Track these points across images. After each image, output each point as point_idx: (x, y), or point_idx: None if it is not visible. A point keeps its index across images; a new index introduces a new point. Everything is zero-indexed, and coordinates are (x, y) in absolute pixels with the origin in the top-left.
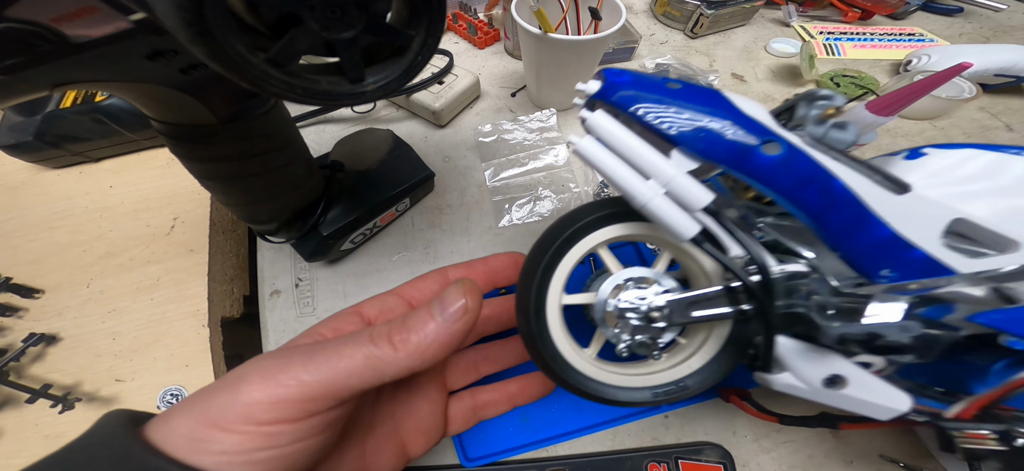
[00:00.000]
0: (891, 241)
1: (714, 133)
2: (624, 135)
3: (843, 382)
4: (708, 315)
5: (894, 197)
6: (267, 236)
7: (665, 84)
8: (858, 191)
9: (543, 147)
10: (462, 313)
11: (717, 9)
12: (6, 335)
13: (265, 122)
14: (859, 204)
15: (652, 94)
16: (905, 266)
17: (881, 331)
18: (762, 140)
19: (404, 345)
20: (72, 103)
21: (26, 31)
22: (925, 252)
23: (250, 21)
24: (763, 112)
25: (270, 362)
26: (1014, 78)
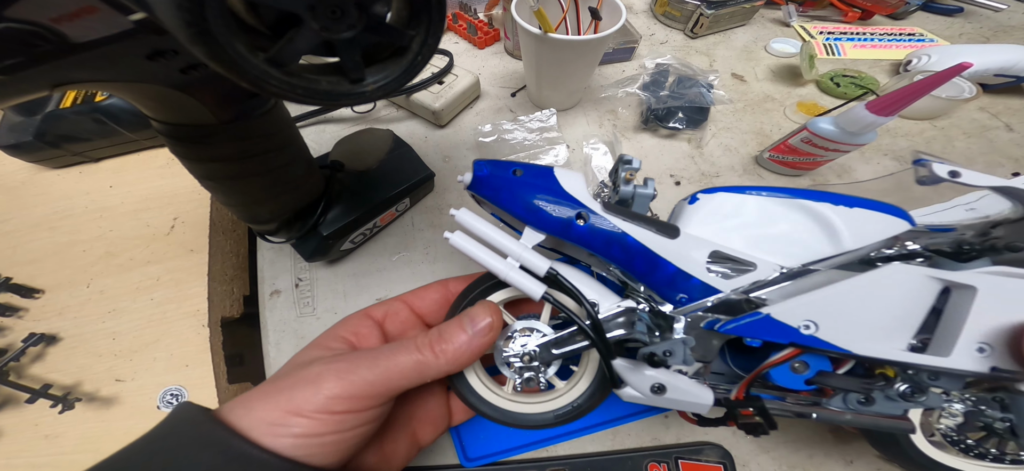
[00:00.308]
0: (677, 274)
1: (544, 212)
2: (483, 226)
3: (664, 388)
4: (564, 352)
5: (670, 241)
6: (267, 236)
7: (512, 172)
8: (645, 242)
9: (543, 147)
10: (488, 330)
11: (717, 9)
12: (6, 335)
13: (265, 122)
14: (649, 251)
15: (502, 183)
16: (691, 291)
17: (666, 348)
18: (576, 213)
19: (444, 354)
20: (72, 103)
21: (26, 31)
22: (699, 280)
23: (250, 21)
24: (581, 186)
25: (339, 365)
26: (1014, 78)
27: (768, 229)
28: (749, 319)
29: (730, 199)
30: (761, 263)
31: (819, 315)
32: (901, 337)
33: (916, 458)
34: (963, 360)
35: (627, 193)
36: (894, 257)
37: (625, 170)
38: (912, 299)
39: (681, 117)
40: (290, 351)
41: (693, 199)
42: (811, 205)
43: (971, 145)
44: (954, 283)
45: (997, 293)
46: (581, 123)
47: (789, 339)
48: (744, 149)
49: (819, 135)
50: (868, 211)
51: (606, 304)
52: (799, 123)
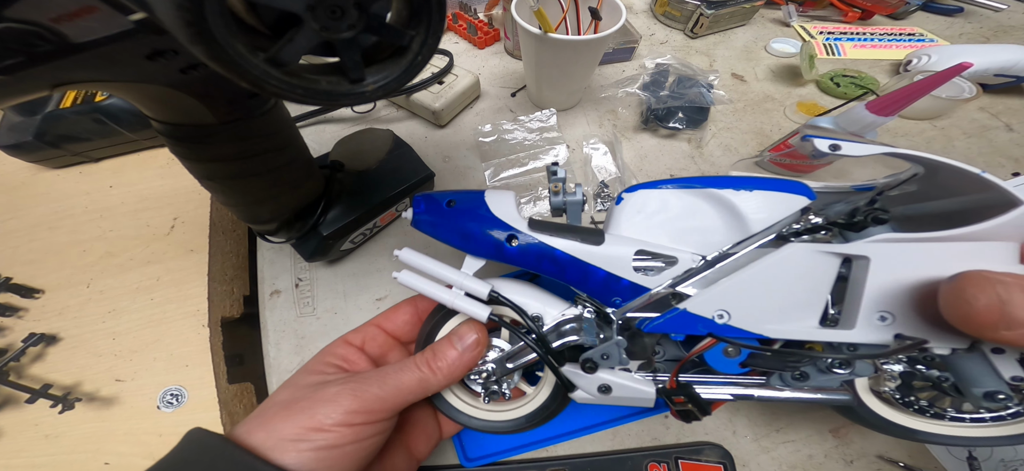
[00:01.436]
0: (608, 278)
1: (477, 239)
2: (424, 261)
3: (610, 388)
4: (518, 365)
5: (596, 248)
6: (267, 236)
7: (446, 204)
8: (572, 252)
9: (543, 147)
10: (475, 345)
11: (717, 9)
12: (6, 335)
13: (265, 122)
14: (577, 261)
15: (437, 216)
16: (623, 293)
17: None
18: (506, 235)
19: (440, 370)
20: (72, 103)
21: (26, 31)
22: (628, 280)
23: (250, 21)
24: (509, 207)
25: (353, 384)
26: (1014, 78)
27: (687, 221)
28: (668, 316)
29: (651, 195)
30: (682, 255)
31: (729, 304)
32: (811, 315)
33: (875, 422)
34: (867, 331)
35: (558, 204)
36: (802, 231)
37: (552, 181)
38: (813, 277)
39: (681, 117)
40: (290, 351)
41: (619, 199)
42: (717, 193)
43: (971, 145)
44: (849, 255)
45: (890, 260)
46: (581, 123)
47: (707, 330)
48: (744, 149)
49: None
50: (769, 192)
51: (553, 313)
52: (799, 123)
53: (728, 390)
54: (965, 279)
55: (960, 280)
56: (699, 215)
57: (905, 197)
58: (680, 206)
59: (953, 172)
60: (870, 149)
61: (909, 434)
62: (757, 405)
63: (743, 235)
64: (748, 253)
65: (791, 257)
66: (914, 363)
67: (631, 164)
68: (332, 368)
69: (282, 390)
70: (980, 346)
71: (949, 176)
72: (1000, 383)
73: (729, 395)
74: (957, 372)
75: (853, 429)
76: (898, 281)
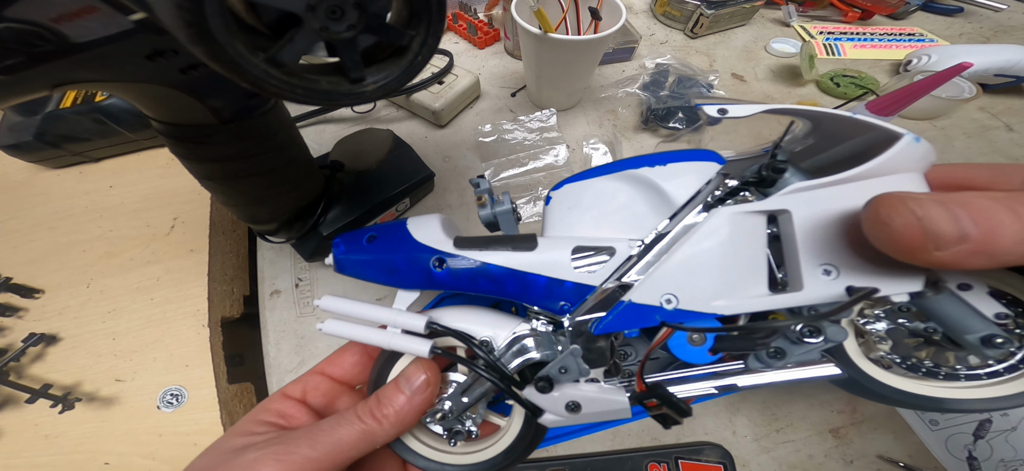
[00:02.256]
0: (550, 284)
1: (404, 271)
2: (349, 305)
3: (578, 405)
4: (475, 397)
5: (530, 254)
6: (267, 236)
7: (365, 240)
8: (508, 264)
9: (543, 147)
10: (425, 386)
11: (717, 9)
12: (6, 335)
13: (265, 122)
14: (514, 272)
15: (358, 256)
16: (568, 296)
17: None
18: (433, 260)
19: (386, 419)
20: (72, 103)
21: (26, 31)
22: (571, 281)
23: (250, 21)
24: (434, 231)
25: (276, 448)
26: (1014, 78)
27: (617, 207)
28: (614, 312)
29: (578, 187)
30: (619, 244)
31: (673, 286)
32: (756, 282)
33: (885, 393)
34: (817, 289)
35: (487, 217)
36: (724, 197)
37: (476, 194)
38: (744, 240)
39: (681, 117)
40: (290, 351)
41: (548, 199)
42: (636, 173)
43: (971, 145)
44: (770, 211)
45: (808, 208)
46: (581, 123)
47: (659, 320)
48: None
49: None
50: (681, 163)
51: (504, 334)
52: None
53: (708, 384)
54: (877, 201)
55: (873, 204)
56: (627, 199)
57: (808, 150)
58: (607, 193)
59: (834, 119)
60: (753, 109)
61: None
62: (757, 404)
63: (671, 211)
64: (680, 229)
65: (718, 224)
66: (895, 318)
67: None
68: (263, 427)
69: (202, 457)
70: (945, 285)
71: (833, 124)
72: (988, 324)
73: (711, 389)
74: (940, 321)
75: (853, 429)
76: (823, 227)
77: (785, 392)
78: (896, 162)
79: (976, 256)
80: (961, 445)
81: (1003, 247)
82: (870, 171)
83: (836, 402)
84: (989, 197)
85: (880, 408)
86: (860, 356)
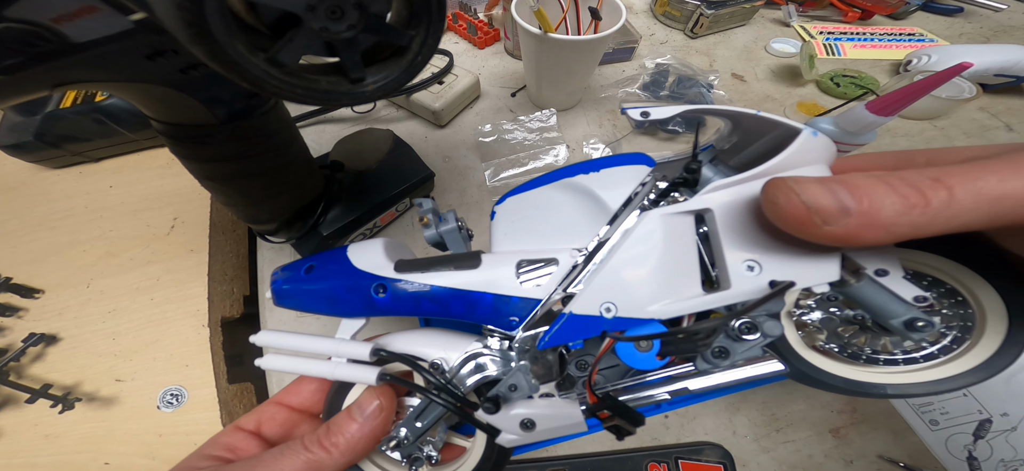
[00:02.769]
0: (497, 300)
1: (345, 300)
2: (288, 339)
3: (532, 422)
4: (429, 422)
5: (474, 273)
6: (267, 236)
7: (304, 271)
8: (452, 284)
9: (543, 147)
10: (378, 412)
11: (717, 9)
12: (6, 335)
13: (265, 122)
14: (459, 292)
15: (298, 288)
16: (517, 312)
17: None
18: (373, 287)
19: (336, 447)
20: (72, 103)
21: (26, 31)
22: (518, 297)
23: (250, 21)
24: (375, 256)
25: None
26: (1014, 78)
27: (558, 217)
28: (556, 325)
29: (521, 200)
30: (561, 254)
31: (611, 294)
32: (690, 282)
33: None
34: (744, 285)
35: (432, 237)
36: (656, 199)
37: (419, 215)
38: (675, 241)
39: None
40: None
41: (492, 215)
42: (573, 181)
43: (971, 145)
44: (696, 211)
45: (726, 204)
46: (581, 123)
47: (600, 329)
48: None
49: None
50: (614, 168)
51: (456, 355)
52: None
53: (661, 390)
54: (766, 185)
55: (764, 188)
56: (567, 208)
57: (734, 148)
58: (549, 204)
59: (748, 118)
60: (673, 110)
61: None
62: (757, 404)
63: (609, 217)
64: (619, 234)
65: (648, 227)
66: (826, 308)
67: None
68: (208, 462)
69: None
70: (864, 272)
71: (749, 122)
72: (908, 308)
73: (665, 394)
74: (865, 307)
75: (853, 429)
76: (741, 222)
77: (785, 392)
78: (800, 156)
79: (866, 229)
80: (961, 445)
81: (886, 218)
82: (776, 166)
83: (836, 402)
84: (869, 175)
85: (880, 408)
86: (804, 347)
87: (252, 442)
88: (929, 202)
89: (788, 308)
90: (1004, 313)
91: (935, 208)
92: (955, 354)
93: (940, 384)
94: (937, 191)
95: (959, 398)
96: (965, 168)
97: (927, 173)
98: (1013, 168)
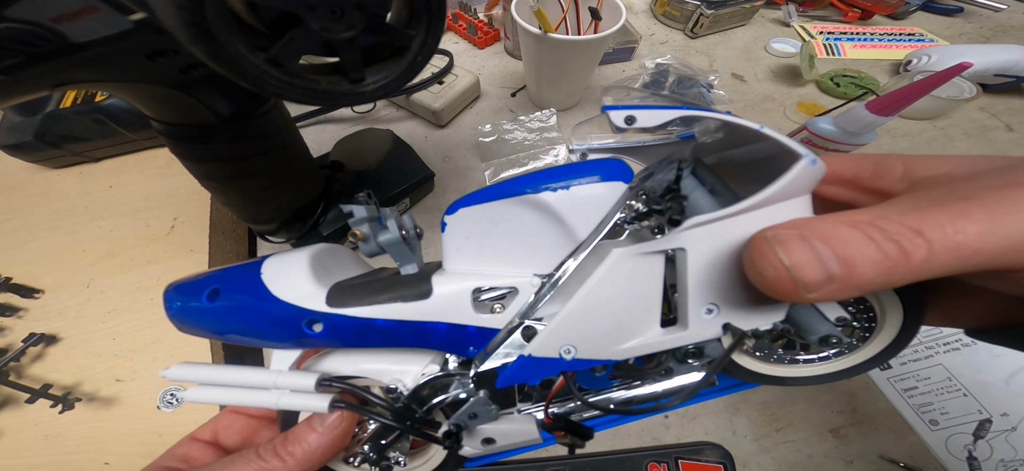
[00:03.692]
0: (451, 330)
1: (268, 333)
2: (209, 372)
3: (493, 439)
4: (390, 440)
5: (425, 303)
6: (267, 236)
7: (206, 297)
8: (400, 316)
9: (543, 147)
10: (339, 422)
11: (717, 9)
12: (6, 335)
13: (265, 122)
14: (410, 323)
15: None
16: (475, 340)
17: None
18: (305, 321)
19: (292, 456)
20: (72, 103)
21: (26, 31)
22: (474, 326)
23: (250, 21)
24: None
25: None
26: (1014, 78)
27: (517, 237)
28: (513, 367)
29: (473, 212)
30: (520, 282)
31: (571, 338)
32: (651, 323)
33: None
34: (699, 329)
35: (372, 250)
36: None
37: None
38: (642, 281)
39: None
40: None
41: (443, 226)
42: (537, 198)
43: (971, 145)
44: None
45: (702, 244)
46: None
47: (559, 370)
48: None
49: (819, 135)
50: (584, 183)
51: (413, 371)
52: (799, 123)
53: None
54: (752, 248)
55: (749, 250)
56: (527, 229)
57: (717, 144)
58: (505, 220)
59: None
60: (665, 115)
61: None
62: (756, 404)
63: (574, 244)
64: (580, 267)
65: (617, 268)
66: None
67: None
68: None
69: None
70: None
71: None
72: (830, 326)
73: (612, 416)
74: (792, 323)
75: (853, 429)
76: (714, 266)
77: (785, 392)
78: (792, 188)
79: (844, 291)
80: (961, 445)
81: (866, 281)
82: (766, 199)
83: (836, 402)
84: (850, 223)
85: (880, 408)
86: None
87: (208, 452)
88: (909, 259)
89: None
90: (900, 309)
91: (915, 265)
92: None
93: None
94: (917, 248)
95: (959, 398)
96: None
97: (907, 223)
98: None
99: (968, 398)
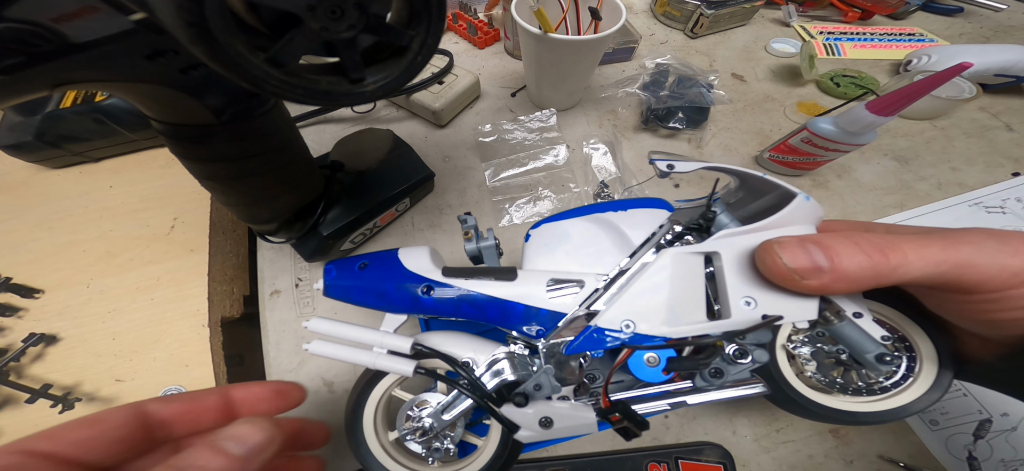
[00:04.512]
0: (527, 311)
1: (393, 296)
2: (337, 327)
3: (550, 420)
4: (454, 415)
5: (510, 284)
6: (267, 236)
7: (358, 267)
8: (490, 293)
9: (543, 147)
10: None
11: (717, 9)
12: (6, 335)
13: (265, 122)
14: (495, 300)
15: (350, 282)
16: (543, 322)
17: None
18: (421, 287)
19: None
20: (72, 103)
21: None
22: (547, 309)
23: (250, 21)
24: (424, 261)
25: None
26: (1014, 78)
27: (587, 245)
28: (582, 335)
29: (554, 227)
30: (587, 277)
31: (631, 314)
32: (697, 310)
33: (808, 406)
34: (741, 317)
35: (472, 251)
36: (672, 239)
37: (464, 230)
38: (687, 276)
39: (681, 117)
40: (290, 351)
41: (527, 237)
42: (603, 217)
43: (971, 145)
44: (706, 252)
45: (731, 250)
46: (581, 123)
47: (619, 342)
48: (744, 149)
49: (819, 135)
50: (639, 210)
51: (484, 357)
52: (799, 123)
53: (663, 402)
54: (759, 249)
55: (758, 251)
56: (595, 239)
57: (739, 202)
58: (578, 233)
59: (752, 177)
60: (693, 166)
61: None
62: (757, 404)
63: (630, 250)
64: (638, 266)
65: (665, 262)
66: (815, 343)
67: (631, 164)
68: None
69: None
70: (845, 315)
71: (753, 181)
72: (878, 344)
73: (666, 406)
74: (845, 343)
75: (853, 429)
76: (743, 266)
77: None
78: (792, 216)
79: (837, 283)
80: (961, 445)
81: (853, 273)
82: (774, 223)
83: None
84: (843, 236)
85: None
86: (793, 376)
87: None
88: (888, 259)
89: (782, 342)
90: (935, 356)
91: (893, 264)
92: (904, 388)
93: (895, 412)
94: (895, 251)
95: (959, 398)
96: (916, 237)
97: (888, 237)
98: (950, 242)
99: (968, 398)
